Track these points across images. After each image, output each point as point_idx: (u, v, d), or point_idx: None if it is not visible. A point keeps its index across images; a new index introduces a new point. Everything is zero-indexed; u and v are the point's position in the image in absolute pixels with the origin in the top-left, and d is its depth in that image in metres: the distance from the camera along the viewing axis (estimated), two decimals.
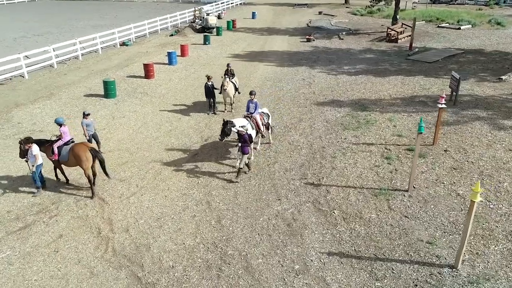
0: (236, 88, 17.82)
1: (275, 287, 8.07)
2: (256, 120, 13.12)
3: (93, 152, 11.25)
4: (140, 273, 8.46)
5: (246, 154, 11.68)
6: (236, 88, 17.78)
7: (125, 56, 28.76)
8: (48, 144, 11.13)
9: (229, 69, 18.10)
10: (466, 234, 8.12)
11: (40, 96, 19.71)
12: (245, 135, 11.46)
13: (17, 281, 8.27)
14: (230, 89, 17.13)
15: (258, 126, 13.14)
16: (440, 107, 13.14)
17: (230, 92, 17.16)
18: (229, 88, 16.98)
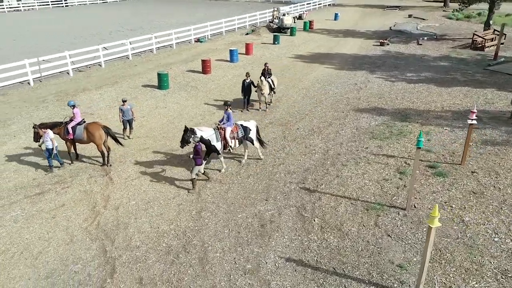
0: (272, 87, 17.95)
1: (218, 281, 8.23)
2: (224, 132, 12.19)
3: (105, 129, 12.52)
4: (108, 247, 9.28)
5: (198, 165, 11.17)
6: (271, 88, 17.91)
7: (194, 52, 30.56)
8: (61, 126, 12.58)
9: (267, 68, 18.29)
10: (424, 263, 7.37)
11: (105, 83, 22.08)
12: (197, 146, 11.00)
13: (13, 237, 9.67)
14: (265, 88, 17.34)
15: (225, 138, 12.17)
16: (470, 123, 11.80)
17: (265, 92, 17.37)
18: (263, 87, 17.21)
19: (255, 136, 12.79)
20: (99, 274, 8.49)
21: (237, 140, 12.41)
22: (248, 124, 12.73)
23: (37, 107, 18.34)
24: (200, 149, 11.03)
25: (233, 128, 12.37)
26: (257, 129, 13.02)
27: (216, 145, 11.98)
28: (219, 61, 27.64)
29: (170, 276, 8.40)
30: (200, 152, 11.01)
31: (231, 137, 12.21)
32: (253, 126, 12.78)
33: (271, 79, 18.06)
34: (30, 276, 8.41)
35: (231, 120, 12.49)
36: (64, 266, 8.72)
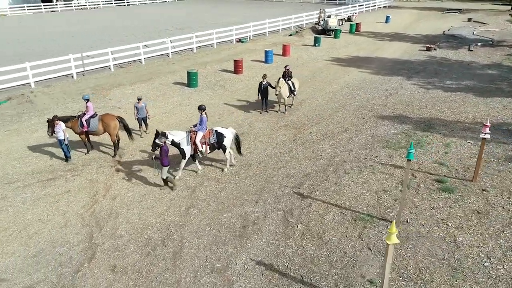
0: (292, 90, 17.84)
1: (184, 276, 8.45)
2: (194, 136, 12.01)
3: (119, 119, 13.26)
4: (95, 234, 9.87)
5: (165, 166, 11.23)
6: (291, 90, 17.81)
7: (233, 52, 31.06)
8: (74, 119, 13.43)
9: (287, 71, 18.20)
10: (383, 283, 7.05)
11: (140, 79, 23.20)
12: (163, 148, 11.10)
13: (17, 217, 10.59)
14: (284, 91, 17.29)
15: (194, 143, 11.99)
16: (482, 137, 11.00)
17: (283, 94, 17.32)
18: (282, 89, 17.17)
19: (229, 145, 12.44)
20: (79, 258, 9.06)
21: (208, 146, 12.22)
22: (224, 131, 12.37)
23: (73, 99, 19.73)
24: (165, 151, 11.14)
25: (206, 133, 12.22)
26: (237, 138, 12.71)
27: (185, 149, 11.91)
28: (254, 61, 27.89)
29: (142, 266, 8.76)
30: (165, 154, 11.12)
31: (202, 142, 12.07)
32: (229, 134, 12.43)
33: (291, 82, 17.94)
34: (20, 254, 9.18)
35: (204, 125, 12.16)
36: (52, 247, 9.40)
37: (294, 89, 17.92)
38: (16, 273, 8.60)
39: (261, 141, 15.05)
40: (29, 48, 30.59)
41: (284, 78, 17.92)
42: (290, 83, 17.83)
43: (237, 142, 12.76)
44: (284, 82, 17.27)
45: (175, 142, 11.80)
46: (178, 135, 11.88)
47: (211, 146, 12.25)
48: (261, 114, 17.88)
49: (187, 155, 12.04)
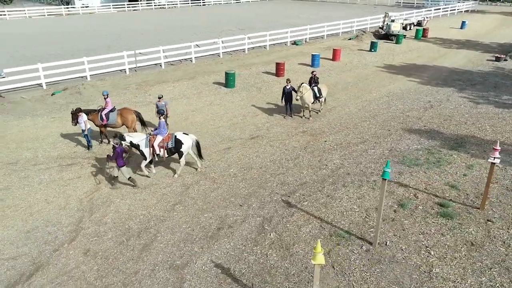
0: (317, 96, 17.48)
1: (143, 269, 8.88)
2: (153, 140, 12.33)
3: (136, 113, 14.17)
4: (84, 219, 10.74)
5: (121, 166, 11.65)
6: (316, 96, 17.46)
7: (283, 54, 31.10)
8: (95, 113, 14.55)
9: (313, 76, 17.85)
10: None
11: (184, 77, 24.33)
12: (117, 148, 11.50)
13: (29, 195, 11.89)
14: (308, 96, 17.05)
15: (152, 146, 12.31)
16: (491, 161, 9.95)
17: (307, 99, 17.08)
18: (306, 95, 16.95)
19: (186, 151, 12.55)
20: (63, 238, 9.95)
21: (166, 150, 12.45)
22: (182, 138, 12.43)
23: (118, 93, 21.37)
24: (119, 152, 11.58)
25: (165, 138, 12.49)
26: (197, 144, 12.79)
27: (144, 151, 12.35)
28: (301, 65, 27.69)
29: (111, 254, 9.37)
30: (118, 155, 11.56)
31: (160, 145, 12.35)
32: (188, 141, 12.48)
33: (317, 88, 17.57)
34: (17, 228, 10.34)
35: (162, 129, 12.44)
36: (45, 226, 10.44)
37: (319, 95, 17.53)
38: (8, 245, 9.71)
39: (272, 145, 15.03)
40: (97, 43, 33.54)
41: (310, 83, 17.63)
42: (316, 89, 17.47)
43: (198, 148, 12.87)
44: (308, 88, 17.00)
45: (133, 143, 12.35)
46: (136, 136, 12.42)
47: (168, 151, 12.49)
48: (284, 119, 17.78)
49: (147, 156, 12.46)
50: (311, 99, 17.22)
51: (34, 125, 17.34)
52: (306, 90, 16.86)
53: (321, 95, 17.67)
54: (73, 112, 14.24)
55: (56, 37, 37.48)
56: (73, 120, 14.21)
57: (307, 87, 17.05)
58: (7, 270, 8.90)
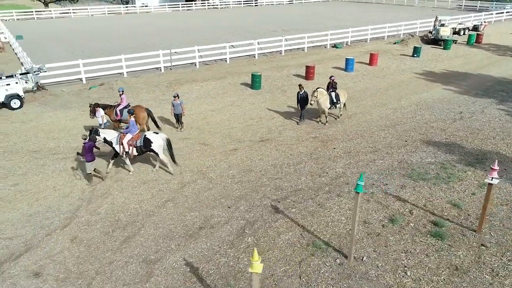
0: (334, 101, 17.10)
1: (118, 259, 9.30)
2: (123, 138, 12.73)
3: (148, 111, 14.82)
4: (81, 208, 11.44)
5: (88, 161, 12.13)
6: (333, 102, 17.09)
7: (320, 57, 30.68)
8: (111, 109, 15.32)
9: (331, 81, 17.46)
10: None
11: (214, 77, 24.85)
12: (85, 144, 12.00)
13: (42, 182, 12.86)
14: (323, 101, 16.76)
15: (122, 143, 12.67)
16: (488, 182, 9.26)
17: (322, 104, 16.80)
18: (321, 100, 16.68)
19: (160, 150, 12.80)
20: (58, 224, 10.70)
21: (135, 148, 12.78)
22: (151, 137, 12.75)
23: (148, 90, 22.35)
24: (87, 147, 12.03)
25: (135, 136, 12.85)
26: (169, 144, 12.96)
27: (115, 147, 12.86)
28: (335, 68, 27.16)
29: (94, 243, 9.93)
30: (86, 150, 12.02)
31: (129, 144, 12.73)
32: (157, 140, 12.76)
33: (335, 93, 17.18)
34: (22, 211, 11.27)
35: (131, 127, 12.87)
36: (46, 211, 11.28)
37: (336, 101, 17.13)
38: (9, 226, 10.63)
39: (278, 149, 14.98)
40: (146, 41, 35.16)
41: (328, 88, 17.29)
42: (333, 94, 17.09)
43: (169, 148, 13.04)
44: (324, 93, 16.70)
45: (107, 140, 12.87)
46: (109, 134, 12.91)
47: (137, 149, 12.82)
48: (298, 125, 17.56)
49: (119, 153, 12.94)
50: (327, 105, 16.88)
51: (65, 117, 18.66)
52: (322, 95, 16.57)
53: (339, 101, 17.25)
54: (91, 106, 15.16)
55: (112, 35, 39.85)
56: (91, 113, 15.14)
57: (324, 92, 16.75)
58: (1, 249, 9.74)
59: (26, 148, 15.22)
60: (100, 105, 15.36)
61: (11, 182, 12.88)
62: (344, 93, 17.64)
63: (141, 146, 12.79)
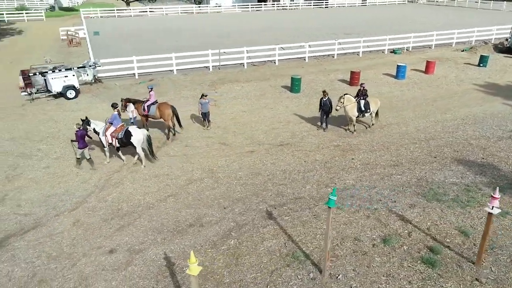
0: (362, 110, 16.41)
1: (106, 246, 9.93)
2: (107, 129, 13.75)
3: (173, 109, 15.55)
4: (93, 194, 12.35)
5: (79, 148, 13.44)
6: (361, 110, 16.41)
7: (373, 62, 29.51)
8: (139, 104, 16.19)
9: (362, 89, 16.73)
10: None
11: (257, 79, 25.12)
12: (77, 132, 13.33)
13: (68, 167, 14.08)
14: (350, 109, 16.19)
15: (105, 134, 13.72)
16: (488, 211, 8.42)
17: (350, 112, 16.24)
18: (349, 107, 16.15)
19: (139, 144, 13.53)
20: (68, 207, 11.70)
21: (117, 140, 13.66)
22: (133, 131, 13.53)
23: (190, 88, 23.29)
24: (79, 135, 13.28)
25: (118, 129, 13.77)
26: (148, 140, 13.72)
27: (101, 138, 13.97)
28: (385, 75, 26.00)
29: (91, 227, 10.70)
30: (78, 138, 13.29)
31: (112, 135, 13.71)
32: (138, 135, 13.46)
33: (366, 101, 16.47)
34: (44, 192, 12.47)
35: (114, 120, 13.88)
36: (62, 194, 12.38)
37: (365, 109, 16.41)
38: (29, 204, 11.86)
39: (294, 155, 14.79)
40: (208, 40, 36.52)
41: (357, 95, 16.64)
42: (362, 102, 16.40)
43: (149, 143, 13.78)
44: (352, 100, 16.13)
45: (96, 130, 13.98)
46: (99, 125, 13.90)
47: (119, 141, 13.67)
48: (317, 130, 17.11)
49: (104, 143, 14.00)
50: (355, 112, 16.25)
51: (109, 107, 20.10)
52: (349, 102, 16.01)
53: (368, 109, 16.50)
54: (122, 100, 16.24)
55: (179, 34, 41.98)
56: (122, 107, 16.21)
57: (351, 98, 16.16)
58: (15, 223, 10.93)
59: (67, 135, 16.71)
60: (131, 100, 16.35)
61: (44, 164, 14.29)
62: (375, 102, 16.84)
63: (122, 138, 13.66)
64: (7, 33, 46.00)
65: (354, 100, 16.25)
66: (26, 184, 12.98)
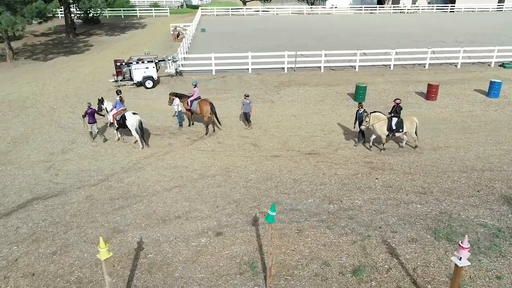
0: (393, 129, 14.86)
1: (98, 221, 10.98)
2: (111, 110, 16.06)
3: (211, 106, 16.33)
4: (116, 174, 13.71)
5: (90, 123, 15.97)
6: (392, 130, 14.86)
7: (469, 75, 26.15)
8: (184, 99, 17.12)
9: (396, 105, 15.06)
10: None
11: (327, 83, 24.39)
12: (87, 110, 15.80)
13: (114, 148, 15.84)
14: (379, 127, 14.88)
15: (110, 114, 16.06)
16: (455, 261, 7.22)
17: (378, 130, 14.93)
18: (377, 125, 14.86)
19: (132, 127, 15.29)
20: (92, 181, 13.20)
21: (116, 121, 15.59)
22: (127, 115, 15.34)
23: (255, 88, 23.77)
24: (89, 112, 15.72)
25: (118, 112, 15.65)
26: (140, 125, 15.34)
27: (107, 116, 16.35)
28: (476, 91, 22.91)
29: (98, 203, 11.92)
30: (89, 115, 15.74)
31: (114, 116, 15.75)
32: (131, 119, 15.24)
33: (399, 119, 14.87)
34: (81, 166, 14.27)
35: (117, 104, 15.95)
36: (94, 171, 13.97)
37: (397, 128, 14.81)
38: (64, 175, 13.72)
39: (316, 166, 14.20)
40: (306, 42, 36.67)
41: (391, 112, 15.14)
42: (394, 120, 14.84)
43: (140, 129, 15.38)
44: (381, 117, 14.85)
45: (107, 110, 16.19)
46: (109, 105, 16.30)
47: (117, 122, 15.57)
48: (356, 147, 15.93)
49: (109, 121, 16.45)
50: (384, 131, 14.86)
51: None
52: (376, 119, 14.74)
53: (402, 129, 14.87)
54: (170, 94, 17.51)
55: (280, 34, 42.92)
56: (169, 100, 17.50)
57: (380, 116, 14.83)
58: (45, 189, 12.83)
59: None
60: (178, 95, 17.51)
61: (95, 143, 16.32)
62: (411, 121, 15.06)
63: (119, 120, 15.46)
64: (132, 26, 52.66)
65: (384, 117, 14.83)
66: (72, 158, 15.02)
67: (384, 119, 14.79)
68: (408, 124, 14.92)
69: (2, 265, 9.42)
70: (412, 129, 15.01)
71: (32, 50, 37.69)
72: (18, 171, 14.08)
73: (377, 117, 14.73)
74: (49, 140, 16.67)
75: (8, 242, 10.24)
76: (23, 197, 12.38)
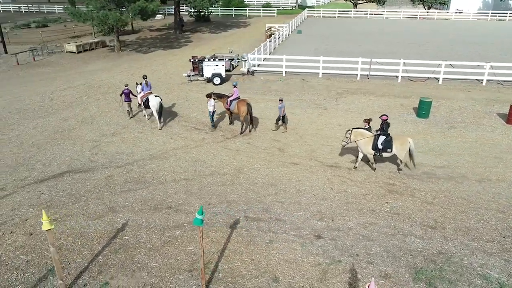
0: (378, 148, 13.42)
1: (101, 198, 12.30)
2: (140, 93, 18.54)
3: (248, 106, 16.75)
4: (143, 160, 15.01)
5: (125, 101, 18.60)
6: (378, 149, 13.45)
7: None
8: (224, 98, 17.57)
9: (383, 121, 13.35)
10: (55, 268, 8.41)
11: (397, 95, 22.53)
12: (124, 90, 18.46)
13: (153, 137, 17.31)
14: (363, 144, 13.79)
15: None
16: None
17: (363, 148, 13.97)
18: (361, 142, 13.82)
19: (154, 108, 17.61)
20: (119, 163, 14.68)
21: (143, 102, 18.05)
22: (150, 98, 17.67)
23: (314, 93, 23.20)
24: (125, 92, 18.34)
25: (145, 94, 18.10)
26: (159, 108, 17.67)
27: (138, 98, 18.73)
28: None
29: (112, 183, 13.24)
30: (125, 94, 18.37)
31: (141, 98, 18.21)
32: (153, 101, 17.59)
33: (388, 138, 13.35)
34: (119, 149, 15.93)
35: (144, 87, 18.47)
36: (127, 154, 15.47)
37: (383, 148, 13.25)
38: (103, 154, 15.48)
39: (329, 180, 13.50)
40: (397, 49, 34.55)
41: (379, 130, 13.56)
42: (381, 139, 13.29)
43: (160, 109, 17.66)
44: (365, 134, 13.63)
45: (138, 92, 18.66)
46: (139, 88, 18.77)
47: (144, 103, 17.97)
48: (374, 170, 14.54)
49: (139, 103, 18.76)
50: (369, 150, 13.46)
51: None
52: (360, 136, 13.50)
53: (390, 149, 13.20)
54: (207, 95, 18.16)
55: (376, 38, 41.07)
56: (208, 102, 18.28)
57: (364, 133, 13.55)
58: (81, 165, 14.71)
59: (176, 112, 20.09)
60: (217, 95, 18.11)
61: (141, 129, 18.02)
62: (403, 142, 13.31)
63: (144, 102, 17.86)
64: (236, 25, 55.38)
65: (370, 134, 13.33)
66: (117, 141, 16.85)
67: (370, 136, 13.43)
68: (399, 145, 13.25)
69: (14, 222, 11.21)
70: (402, 151, 13.28)
71: (140, 43, 42.53)
72: (70, 147, 16.35)
73: (360, 133, 13.49)
74: (108, 123, 18.88)
75: (29, 204, 12.11)
76: (61, 169, 14.40)
